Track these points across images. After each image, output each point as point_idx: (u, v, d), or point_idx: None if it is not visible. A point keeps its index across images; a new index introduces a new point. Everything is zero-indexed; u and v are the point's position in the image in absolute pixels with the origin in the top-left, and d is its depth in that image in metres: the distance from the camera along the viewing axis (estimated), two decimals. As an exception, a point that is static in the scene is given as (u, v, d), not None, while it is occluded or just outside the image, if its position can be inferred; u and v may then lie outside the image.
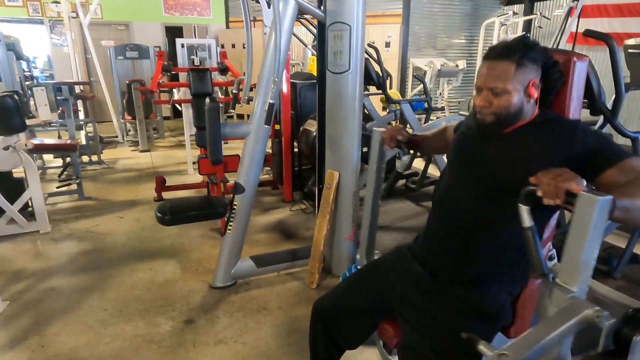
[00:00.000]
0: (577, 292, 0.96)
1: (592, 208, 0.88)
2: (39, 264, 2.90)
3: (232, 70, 4.94)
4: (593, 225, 0.89)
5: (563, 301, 0.98)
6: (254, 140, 2.42)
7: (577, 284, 0.95)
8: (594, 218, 0.89)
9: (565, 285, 0.98)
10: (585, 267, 0.94)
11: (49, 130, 6.07)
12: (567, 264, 0.97)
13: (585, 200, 0.90)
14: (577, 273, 0.95)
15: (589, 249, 0.92)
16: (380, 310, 1.38)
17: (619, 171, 1.08)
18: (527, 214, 1.01)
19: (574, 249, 0.94)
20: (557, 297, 1.00)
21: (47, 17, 7.86)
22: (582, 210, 0.90)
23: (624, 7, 5.79)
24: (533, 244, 1.01)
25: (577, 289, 0.95)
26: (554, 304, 1.02)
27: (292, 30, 2.45)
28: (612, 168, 1.09)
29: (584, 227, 0.91)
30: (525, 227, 1.01)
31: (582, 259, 0.93)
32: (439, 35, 7.74)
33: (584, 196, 0.90)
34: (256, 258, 2.75)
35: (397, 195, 4.24)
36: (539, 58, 1.21)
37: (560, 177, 0.94)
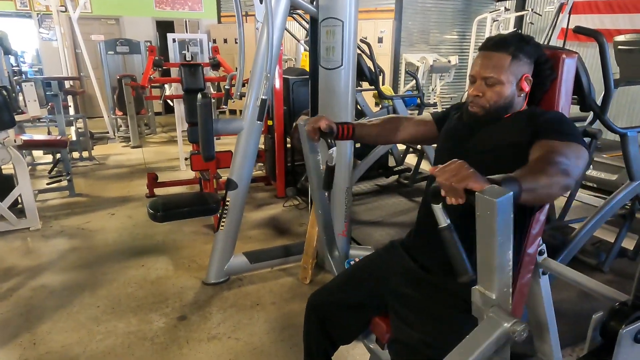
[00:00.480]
0: (496, 297, 0.89)
1: (492, 210, 0.79)
2: (29, 261, 2.88)
3: (224, 66, 4.91)
4: (498, 224, 0.79)
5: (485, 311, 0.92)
6: (247, 136, 2.42)
7: (495, 290, 0.88)
8: (496, 217, 0.79)
9: (486, 292, 0.90)
10: (501, 270, 0.86)
11: (39, 126, 5.99)
12: (481, 268, 0.89)
13: (482, 202, 0.80)
14: (493, 278, 0.87)
15: (501, 250, 0.83)
16: (373, 305, 1.39)
17: (541, 145, 1.08)
18: (440, 212, 0.92)
19: (485, 253, 0.86)
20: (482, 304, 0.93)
21: (35, 10, 7.74)
22: (482, 211, 0.81)
23: (614, 3, 5.84)
24: (453, 244, 0.92)
25: (496, 294, 0.88)
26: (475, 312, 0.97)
27: (284, 26, 2.44)
28: (540, 141, 1.10)
29: (489, 228, 0.81)
30: (441, 227, 0.92)
31: (495, 262, 0.84)
32: (431, 31, 7.75)
33: (480, 197, 0.81)
34: (249, 254, 2.75)
35: (390, 191, 4.26)
36: (533, 53, 1.24)
37: (456, 177, 0.87)
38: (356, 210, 3.72)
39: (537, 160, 1.03)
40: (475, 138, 1.30)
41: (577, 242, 2.16)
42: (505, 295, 0.89)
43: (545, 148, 1.06)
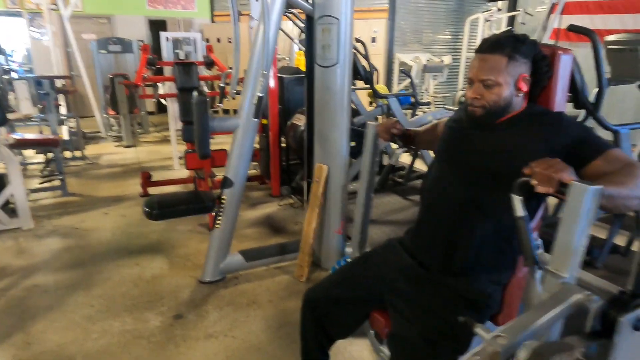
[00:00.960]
0: (568, 277, 0.99)
1: (583, 197, 0.92)
2: (22, 261, 2.85)
3: (218, 64, 4.89)
4: (583, 213, 0.93)
5: (555, 287, 1.00)
6: (243, 134, 2.41)
7: (567, 270, 0.98)
8: (584, 206, 0.92)
9: (557, 271, 1.00)
10: (575, 254, 0.97)
11: (30, 125, 5.93)
12: (558, 250, 1.00)
13: (577, 190, 0.93)
14: (568, 259, 0.98)
15: (579, 236, 0.95)
16: (370, 300, 1.40)
17: (605, 161, 1.12)
18: (520, 204, 1.04)
19: (566, 237, 0.97)
20: (549, 283, 1.03)
21: (26, 9, 7.65)
22: (573, 199, 0.93)
23: (604, 4, 5.91)
24: (525, 232, 1.04)
25: (567, 274, 0.98)
26: (546, 289, 1.05)
27: (280, 23, 2.43)
28: (598, 158, 1.13)
29: (575, 215, 0.94)
30: (518, 216, 1.04)
31: (572, 246, 0.97)
32: (424, 30, 7.78)
33: (576, 186, 0.93)
34: (245, 252, 2.74)
35: (385, 189, 4.27)
36: (529, 52, 1.25)
37: (552, 168, 0.97)
38: (351, 208, 3.72)
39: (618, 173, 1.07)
40: (477, 139, 1.31)
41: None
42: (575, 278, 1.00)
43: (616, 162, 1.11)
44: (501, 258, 1.28)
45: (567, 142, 1.18)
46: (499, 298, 1.31)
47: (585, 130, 1.21)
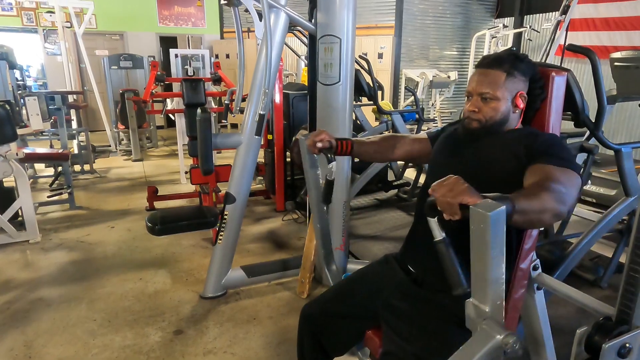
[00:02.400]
0: (490, 310, 0.91)
1: (485, 223, 0.81)
2: (27, 274, 2.88)
3: (225, 81, 4.97)
4: (491, 239, 0.82)
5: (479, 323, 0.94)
6: (245, 151, 2.44)
7: (489, 303, 0.90)
8: (489, 232, 0.81)
9: (480, 305, 0.92)
10: (494, 283, 0.88)
11: (42, 139, 6.06)
12: (475, 282, 0.91)
13: (476, 215, 0.83)
14: (487, 291, 0.89)
15: (495, 264, 0.85)
16: (366, 316, 1.40)
17: (537, 169, 1.09)
18: (436, 226, 0.94)
19: (479, 266, 0.88)
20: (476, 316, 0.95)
21: (42, 26, 7.88)
22: (476, 225, 0.83)
23: (610, 20, 5.92)
24: (448, 257, 0.94)
25: (489, 307, 0.90)
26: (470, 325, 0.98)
27: (283, 42, 2.48)
28: (535, 165, 1.12)
29: (483, 242, 0.84)
30: (437, 240, 0.94)
31: (489, 276, 0.87)
32: (431, 46, 7.85)
33: (474, 211, 0.83)
34: (247, 268, 2.75)
35: (389, 205, 4.27)
36: (528, 71, 1.27)
37: (451, 192, 0.89)
38: (355, 224, 3.73)
39: (533, 185, 1.04)
40: (469, 152, 1.33)
41: (574, 257, 2.16)
42: (499, 308, 0.90)
43: (541, 173, 1.07)
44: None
45: (529, 150, 1.18)
46: (494, 319, 1.29)
47: (551, 141, 1.20)
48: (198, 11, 8.96)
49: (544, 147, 1.18)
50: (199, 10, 8.97)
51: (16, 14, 7.68)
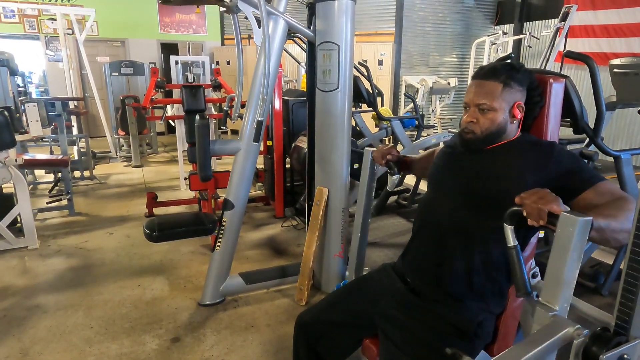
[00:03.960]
0: (559, 310, 0.97)
1: (573, 229, 0.91)
2: (25, 280, 2.87)
3: (225, 87, 4.99)
4: (573, 245, 0.92)
5: (545, 319, 0.99)
6: (244, 157, 2.44)
7: (558, 303, 0.97)
8: (574, 238, 0.91)
9: (548, 303, 0.99)
10: (566, 286, 0.96)
11: (42, 146, 6.07)
12: (549, 282, 0.99)
13: (566, 221, 0.92)
14: (559, 292, 0.97)
15: (570, 268, 0.94)
16: (363, 325, 1.39)
17: (595, 193, 1.12)
18: (512, 233, 1.02)
19: (556, 268, 0.96)
20: (539, 315, 1.01)
21: (43, 33, 7.93)
22: (563, 230, 0.92)
23: (610, 27, 5.94)
24: (517, 262, 1.02)
25: (558, 307, 0.97)
26: (537, 322, 1.03)
27: (282, 49, 2.48)
28: (588, 190, 1.13)
29: (565, 247, 0.93)
30: (510, 246, 1.02)
31: (563, 278, 0.95)
32: (431, 53, 7.88)
33: (565, 217, 0.92)
34: (245, 275, 2.73)
35: (389, 211, 4.25)
36: (524, 80, 1.27)
37: (543, 200, 0.96)
38: (351, 231, 3.70)
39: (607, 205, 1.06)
40: (467, 163, 1.32)
41: (574, 264, 2.14)
42: (565, 311, 0.98)
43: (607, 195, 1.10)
44: (491, 286, 1.26)
45: (557, 173, 1.18)
46: (492, 328, 1.28)
47: (575, 161, 1.21)
48: (199, 18, 9.01)
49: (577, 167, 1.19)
50: (200, 18, 9.02)
51: (18, 21, 7.73)
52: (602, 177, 1.16)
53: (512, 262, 1.03)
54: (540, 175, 1.18)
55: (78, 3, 7.90)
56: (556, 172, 1.18)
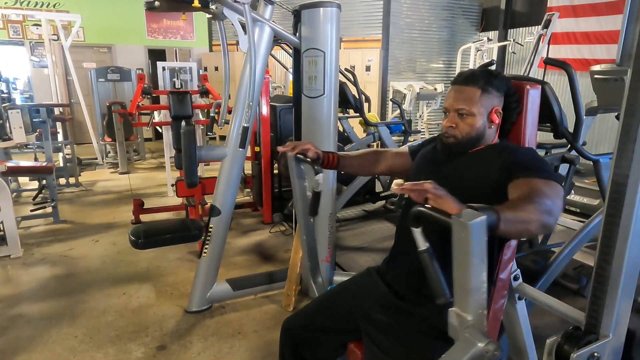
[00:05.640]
0: (472, 319, 0.92)
1: (466, 231, 0.83)
2: (7, 289, 2.82)
3: (213, 93, 4.99)
4: (472, 247, 0.84)
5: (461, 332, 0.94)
6: (230, 163, 2.44)
7: (470, 311, 0.91)
8: (471, 240, 0.83)
9: (462, 313, 0.93)
10: (475, 292, 0.89)
11: (26, 153, 5.99)
12: (458, 291, 0.92)
13: (458, 225, 0.85)
14: (469, 299, 0.90)
15: (476, 272, 0.87)
16: (348, 330, 1.39)
17: (520, 184, 1.11)
18: (420, 236, 0.95)
19: (461, 275, 0.89)
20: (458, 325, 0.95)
21: (28, 39, 7.85)
22: (458, 233, 0.85)
23: (591, 34, 6.07)
24: (431, 267, 0.95)
25: (471, 316, 0.91)
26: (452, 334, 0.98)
27: (268, 56, 2.50)
28: (518, 179, 1.13)
29: (465, 250, 0.85)
30: (420, 250, 0.95)
31: (470, 285, 0.88)
32: (417, 59, 7.96)
33: (455, 220, 0.85)
34: (232, 281, 2.72)
35: (377, 216, 4.28)
36: (502, 86, 1.30)
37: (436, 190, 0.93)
38: (342, 235, 3.72)
39: (519, 197, 1.05)
40: (447, 168, 1.35)
41: (556, 266, 2.18)
42: (481, 316, 0.91)
43: (525, 186, 1.09)
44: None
45: (511, 163, 1.20)
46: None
47: (529, 156, 1.22)
48: (187, 24, 9.00)
49: (523, 162, 1.20)
50: (188, 24, 9.02)
51: (2, 26, 7.64)
52: (555, 178, 1.13)
53: (425, 267, 0.96)
54: (496, 172, 1.20)
55: (64, 9, 7.85)
56: (510, 163, 1.20)
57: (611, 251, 0.75)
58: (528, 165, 1.18)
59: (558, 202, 1.05)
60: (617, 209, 0.74)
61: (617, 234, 0.74)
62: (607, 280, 0.75)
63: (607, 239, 0.75)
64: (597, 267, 0.77)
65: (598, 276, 0.77)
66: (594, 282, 0.77)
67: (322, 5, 2.33)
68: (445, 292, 0.93)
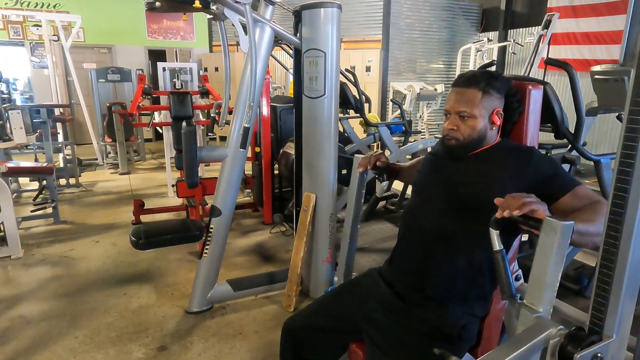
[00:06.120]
0: (542, 312, 0.98)
1: (556, 233, 0.92)
2: (8, 290, 2.82)
3: (213, 94, 4.98)
4: (556, 248, 0.92)
5: (529, 321, 1.00)
6: (231, 164, 2.44)
7: (542, 305, 0.98)
8: (556, 242, 0.92)
9: (532, 305, 0.99)
10: (549, 288, 0.97)
11: (26, 153, 5.99)
12: (533, 285, 0.99)
13: (549, 226, 0.93)
14: (542, 294, 0.97)
15: (553, 271, 0.95)
16: (349, 331, 1.39)
17: (573, 198, 1.15)
18: (497, 237, 1.03)
19: (540, 271, 0.97)
20: (524, 317, 1.02)
21: (28, 40, 7.85)
22: (546, 234, 0.94)
23: (591, 35, 6.08)
24: (502, 266, 1.03)
25: (542, 309, 0.98)
26: (521, 323, 1.03)
27: (268, 56, 2.50)
28: (567, 195, 1.16)
29: (548, 250, 0.94)
30: (495, 250, 1.03)
31: (547, 281, 0.96)
32: (418, 60, 7.97)
33: (548, 221, 0.93)
34: (233, 282, 2.72)
35: (377, 216, 4.27)
36: (503, 88, 1.30)
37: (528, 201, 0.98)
38: (339, 236, 3.71)
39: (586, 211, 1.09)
40: (450, 170, 1.35)
41: (558, 267, 2.18)
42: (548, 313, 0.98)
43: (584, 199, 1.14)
44: (474, 290, 1.28)
45: (536, 178, 1.20)
46: (476, 331, 1.30)
47: (554, 166, 1.24)
48: (187, 25, 9.00)
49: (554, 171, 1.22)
50: (188, 24, 9.02)
51: (2, 27, 7.64)
52: (578, 182, 1.19)
53: (497, 265, 1.03)
54: (521, 180, 1.20)
55: (64, 9, 7.85)
56: (535, 177, 1.20)
57: (615, 251, 0.75)
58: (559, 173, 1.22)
59: None
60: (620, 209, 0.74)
61: (620, 235, 0.74)
62: (611, 280, 0.75)
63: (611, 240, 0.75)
64: (600, 267, 0.77)
65: (601, 276, 0.77)
66: (598, 282, 0.78)
67: (322, 6, 2.34)
68: (512, 289, 1.02)
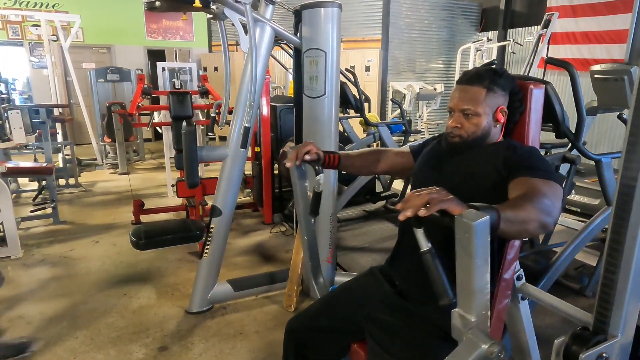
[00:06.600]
0: (476, 320, 0.90)
1: (470, 231, 0.81)
2: (7, 291, 2.81)
3: (213, 93, 4.98)
4: (476, 248, 0.82)
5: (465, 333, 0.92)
6: (231, 164, 2.43)
7: (474, 312, 0.89)
8: (474, 241, 0.81)
9: (465, 314, 0.91)
10: (479, 293, 0.87)
11: (26, 153, 5.98)
12: (461, 292, 0.90)
13: (461, 225, 0.83)
14: (472, 301, 0.88)
15: (479, 273, 0.84)
16: (351, 330, 1.39)
17: (520, 183, 1.11)
18: (422, 236, 0.93)
19: (464, 276, 0.87)
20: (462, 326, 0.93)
21: (27, 39, 7.83)
22: (461, 234, 0.83)
23: (590, 34, 6.08)
24: (434, 267, 0.93)
25: (475, 317, 0.89)
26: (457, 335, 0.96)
27: (269, 56, 2.50)
28: (518, 178, 1.14)
29: (467, 251, 0.83)
30: (423, 250, 0.93)
31: (474, 285, 0.86)
32: (417, 59, 7.97)
33: (459, 220, 0.83)
34: (233, 282, 2.72)
35: (377, 216, 4.27)
36: (507, 85, 1.29)
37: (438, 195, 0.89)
38: (343, 236, 3.72)
39: (518, 196, 1.05)
40: (451, 165, 1.35)
41: (558, 266, 2.18)
42: (484, 317, 0.90)
43: (525, 185, 1.09)
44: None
45: (512, 161, 1.20)
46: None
47: (529, 154, 1.22)
48: (186, 25, 8.99)
49: (524, 161, 1.20)
50: (187, 24, 9.01)
51: (1, 27, 7.62)
52: (555, 178, 1.12)
53: (427, 267, 0.93)
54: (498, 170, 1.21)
55: (63, 9, 7.84)
56: (511, 161, 1.20)
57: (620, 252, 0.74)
58: (529, 164, 1.18)
59: (557, 203, 1.05)
60: (625, 209, 0.73)
61: (625, 235, 0.73)
62: (616, 280, 0.75)
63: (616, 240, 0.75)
64: (605, 267, 0.77)
65: (606, 276, 0.76)
66: (602, 282, 0.77)
67: (323, 5, 2.33)
68: (449, 293, 0.92)
